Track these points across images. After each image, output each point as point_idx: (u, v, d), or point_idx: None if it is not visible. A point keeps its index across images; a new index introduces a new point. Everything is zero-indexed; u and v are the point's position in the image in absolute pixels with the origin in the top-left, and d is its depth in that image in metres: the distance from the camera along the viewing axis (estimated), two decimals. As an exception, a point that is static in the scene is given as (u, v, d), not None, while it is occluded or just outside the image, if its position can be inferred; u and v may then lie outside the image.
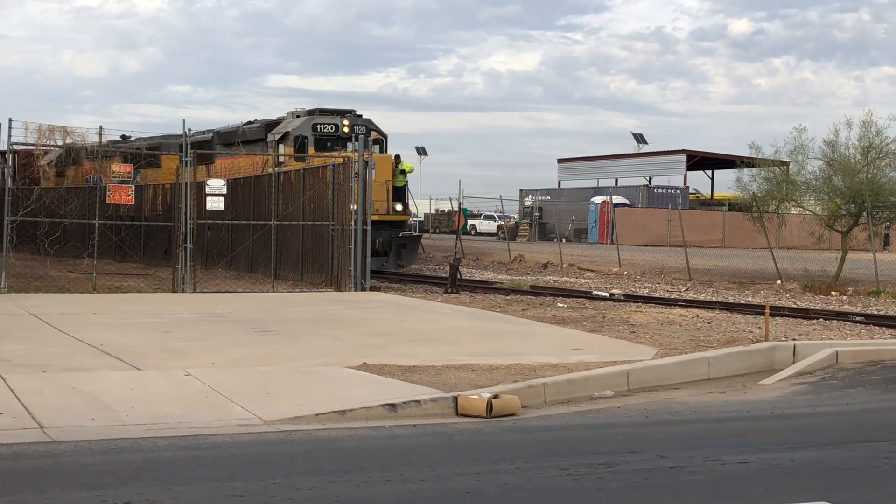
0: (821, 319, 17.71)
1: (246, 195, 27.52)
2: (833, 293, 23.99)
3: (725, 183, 65.88)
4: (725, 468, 7.44)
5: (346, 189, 22.05)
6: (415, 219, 48.98)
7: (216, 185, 22.05)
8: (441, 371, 11.07)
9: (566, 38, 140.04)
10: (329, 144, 30.05)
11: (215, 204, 21.67)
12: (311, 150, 29.65)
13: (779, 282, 26.65)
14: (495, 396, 9.42)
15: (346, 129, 30.48)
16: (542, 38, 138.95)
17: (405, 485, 6.83)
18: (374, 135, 30.65)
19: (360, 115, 31.55)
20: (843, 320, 17.65)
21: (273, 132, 31.16)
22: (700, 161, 66.73)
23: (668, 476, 7.20)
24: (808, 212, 28.78)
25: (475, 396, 9.43)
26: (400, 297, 21.15)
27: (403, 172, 30.90)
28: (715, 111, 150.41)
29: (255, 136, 32.56)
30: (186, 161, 21.48)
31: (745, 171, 29.23)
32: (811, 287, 24.83)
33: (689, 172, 66.50)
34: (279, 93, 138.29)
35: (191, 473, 7.03)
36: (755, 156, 28.61)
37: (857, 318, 17.84)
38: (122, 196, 21.80)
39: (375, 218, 25.82)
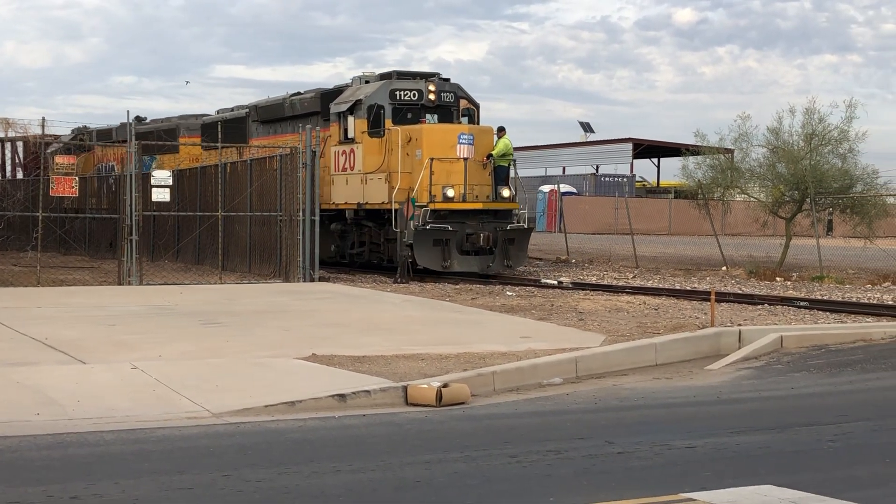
0: (766, 305, 17.91)
1: (192, 186, 27.29)
2: (778, 279, 24.27)
3: (671, 171, 66.43)
4: (673, 453, 7.52)
5: (294, 179, 21.95)
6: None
7: (162, 176, 21.83)
8: (391, 361, 11.07)
9: (513, 27, 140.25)
10: (410, 116, 24.88)
11: (161, 195, 21.47)
12: (389, 123, 24.62)
13: (724, 268, 26.91)
14: (445, 385, 9.44)
15: (431, 97, 25.09)
16: (489, 28, 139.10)
17: (355, 475, 6.83)
18: (463, 103, 25.73)
19: (448, 80, 26.05)
20: (788, 305, 17.86)
21: (337, 102, 26.09)
22: (646, 149, 67.13)
23: (617, 462, 7.26)
24: (752, 199, 29.05)
25: (425, 385, 9.45)
26: (349, 287, 21.11)
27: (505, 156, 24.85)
28: (661, 100, 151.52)
29: (307, 108, 27.48)
30: (131, 152, 21.25)
31: (691, 158, 29.45)
32: (756, 273, 25.10)
33: (635, 161, 66.86)
34: (225, 83, 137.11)
35: (138, 467, 6.97)
36: (700, 144, 28.83)
37: (802, 304, 18.06)
38: (66, 188, 21.55)
39: (477, 206, 23.68)
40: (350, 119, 25.22)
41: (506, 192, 24.20)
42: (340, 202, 26.01)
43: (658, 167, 72.55)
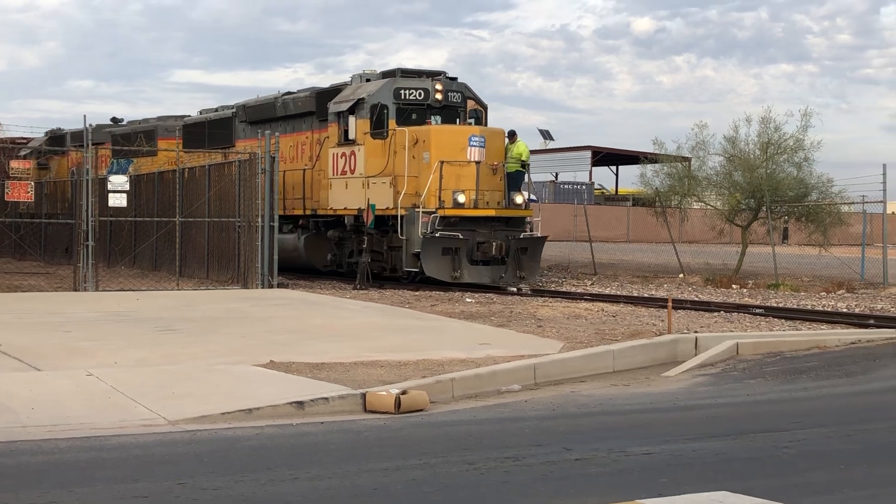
0: (722, 312, 18.05)
1: (150, 191, 27.06)
2: (734, 286, 24.48)
3: (630, 178, 66.92)
4: (630, 460, 7.55)
5: (253, 185, 21.84)
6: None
7: (118, 181, 21.65)
8: (349, 368, 11.04)
9: (473, 35, 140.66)
10: (415, 116, 23.70)
11: (118, 201, 21.28)
12: (393, 124, 23.41)
13: (681, 275, 27.11)
14: (403, 392, 9.43)
15: (438, 97, 23.78)
16: (449, 36, 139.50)
17: (313, 482, 6.80)
18: (471, 104, 24.48)
19: (455, 79, 24.77)
20: (744, 313, 18.01)
21: (336, 101, 24.66)
22: (605, 157, 67.52)
23: (574, 468, 7.28)
24: (709, 207, 29.31)
25: (383, 393, 9.43)
26: (308, 293, 21.03)
27: (523, 163, 23.83)
28: (619, 108, 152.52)
29: (301, 108, 26.23)
30: (87, 156, 21.05)
31: (649, 166, 29.65)
32: (713, 280, 25.31)
33: (594, 168, 67.25)
34: (183, 88, 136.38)
35: (93, 475, 6.90)
36: (658, 152, 29.05)
37: (757, 311, 18.22)
38: (21, 193, 21.31)
39: (490, 213, 22.58)
40: (351, 119, 23.94)
41: (519, 199, 23.31)
42: (339, 208, 24.71)
43: (616, 175, 72.99)
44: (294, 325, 14.87)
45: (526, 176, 24.00)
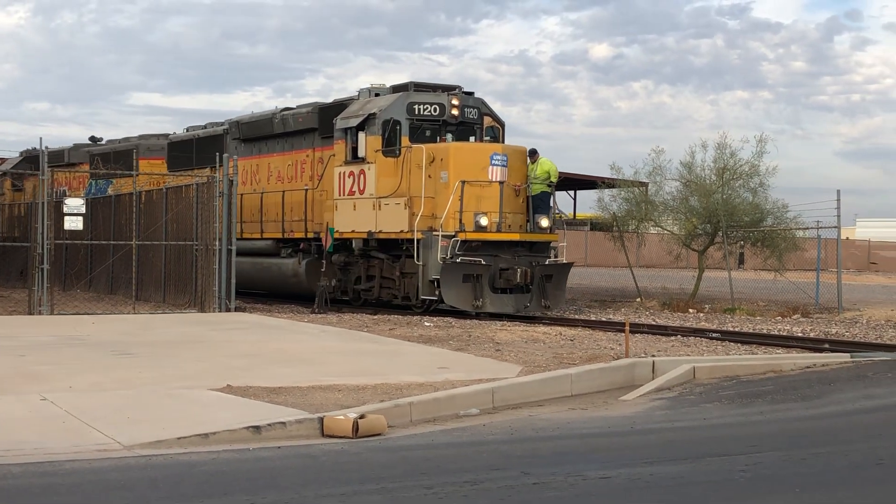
0: (679, 336, 18.15)
1: (106, 214, 26.84)
2: (690, 311, 24.65)
3: (587, 203, 67.06)
4: (587, 483, 7.57)
5: (211, 208, 21.73)
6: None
7: (74, 204, 21.47)
8: (307, 392, 10.99)
9: (431, 60, 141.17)
10: (428, 133, 22.50)
11: (74, 224, 21.10)
12: (406, 141, 22.08)
13: (639, 299, 27.25)
14: (361, 416, 9.40)
15: (454, 112, 22.47)
16: (408, 60, 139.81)
17: (269, 508, 6.75)
18: (487, 121, 23.29)
19: (472, 93, 23.48)
20: (700, 337, 18.12)
21: (344, 116, 23.19)
22: (563, 182, 67.58)
23: (532, 492, 7.28)
24: (666, 231, 29.51)
25: (341, 417, 9.39)
26: (266, 317, 20.92)
27: (549, 181, 22.27)
28: (577, 133, 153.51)
29: (302, 125, 24.95)
30: (43, 179, 20.88)
31: (606, 191, 29.80)
32: (669, 305, 25.47)
33: (552, 193, 67.48)
34: (141, 111, 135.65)
35: (47, 501, 6.82)
36: (615, 176, 29.23)
37: (714, 335, 18.34)
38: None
39: (514, 237, 21.34)
40: (361, 136, 22.50)
41: (545, 222, 21.96)
42: (346, 231, 23.32)
43: (574, 199, 73.19)
44: (251, 350, 14.78)
45: (552, 198, 22.60)
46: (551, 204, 22.49)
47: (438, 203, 21.29)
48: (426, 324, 19.88)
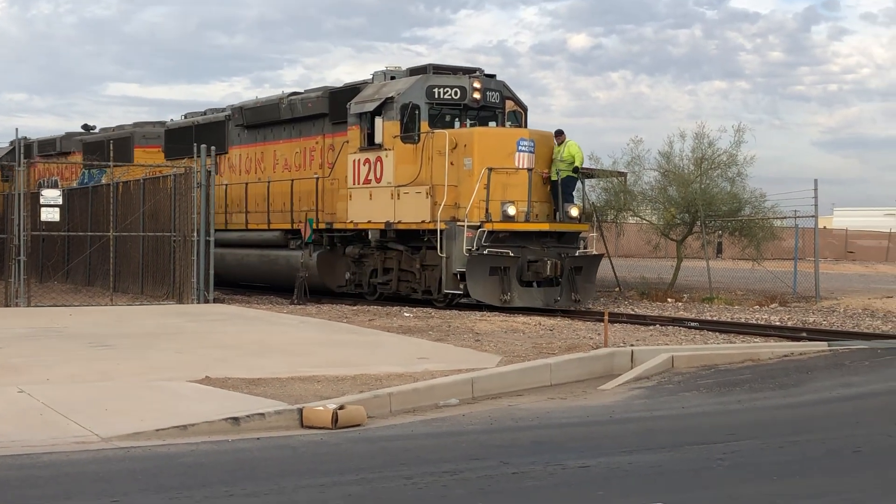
0: (657, 326, 18.20)
1: (83, 205, 26.70)
2: (669, 300, 24.72)
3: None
4: (566, 473, 7.59)
5: (189, 199, 21.64)
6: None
7: (51, 195, 21.35)
8: (286, 383, 10.97)
9: (410, 50, 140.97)
10: (448, 118, 21.61)
11: (50, 215, 20.98)
12: (425, 126, 21.17)
13: (617, 289, 27.30)
14: (341, 407, 9.39)
15: (476, 96, 21.48)
16: (387, 51, 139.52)
17: (248, 499, 6.74)
18: (509, 105, 22.32)
19: (493, 76, 22.43)
20: (679, 326, 18.17)
21: (359, 101, 22.14)
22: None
23: (511, 482, 7.30)
24: (644, 221, 29.58)
25: (320, 408, 9.38)
26: (245, 308, 20.87)
27: (575, 168, 21.18)
28: (556, 123, 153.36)
29: (312, 110, 23.90)
30: (20, 170, 20.76)
31: (585, 181, 29.81)
32: (648, 294, 25.54)
33: (531, 183, 67.55)
34: (118, 101, 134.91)
35: (24, 493, 6.78)
36: (594, 167, 29.23)
37: (692, 324, 18.40)
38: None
39: (543, 228, 20.51)
40: (378, 121, 21.50)
41: (574, 211, 20.94)
42: (361, 221, 22.39)
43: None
44: (230, 341, 14.75)
45: (579, 183, 21.73)
46: (581, 189, 21.38)
47: (462, 192, 20.38)
48: (405, 314, 19.86)
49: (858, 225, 63.87)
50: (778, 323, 19.51)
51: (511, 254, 19.90)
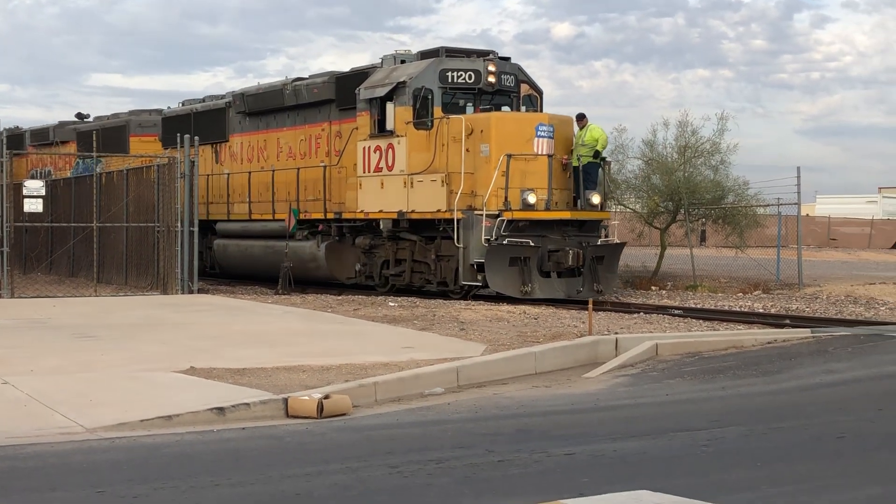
0: (641, 313, 18.24)
1: (67, 196, 26.61)
2: (653, 288, 24.79)
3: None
4: (552, 460, 7.61)
5: (172, 189, 21.59)
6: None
7: (34, 186, 21.29)
8: (272, 373, 10.97)
9: (394, 39, 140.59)
10: (461, 103, 20.95)
11: (33, 206, 20.92)
12: (438, 111, 20.43)
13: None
14: (326, 397, 9.39)
15: (491, 79, 20.68)
16: (370, 40, 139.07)
17: (234, 489, 6.75)
18: (525, 89, 21.48)
19: (508, 59, 21.62)
20: (663, 314, 18.22)
21: (368, 86, 21.44)
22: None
23: (496, 470, 7.32)
24: (628, 209, 29.63)
25: (305, 397, 9.38)
26: (229, 299, 20.84)
27: (596, 152, 20.45)
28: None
29: (318, 96, 23.16)
30: (3, 161, 20.67)
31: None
32: (632, 282, 25.59)
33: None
34: (100, 92, 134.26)
35: (8, 485, 6.77)
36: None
37: (676, 312, 18.45)
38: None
39: (565, 216, 19.84)
40: (389, 106, 20.71)
41: (595, 199, 20.20)
42: (372, 210, 21.62)
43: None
44: (215, 331, 14.73)
45: (601, 170, 20.83)
46: (604, 175, 20.78)
47: (479, 179, 19.69)
48: (390, 304, 19.87)
49: (841, 212, 64.05)
50: (761, 310, 19.58)
51: (532, 243, 19.33)
